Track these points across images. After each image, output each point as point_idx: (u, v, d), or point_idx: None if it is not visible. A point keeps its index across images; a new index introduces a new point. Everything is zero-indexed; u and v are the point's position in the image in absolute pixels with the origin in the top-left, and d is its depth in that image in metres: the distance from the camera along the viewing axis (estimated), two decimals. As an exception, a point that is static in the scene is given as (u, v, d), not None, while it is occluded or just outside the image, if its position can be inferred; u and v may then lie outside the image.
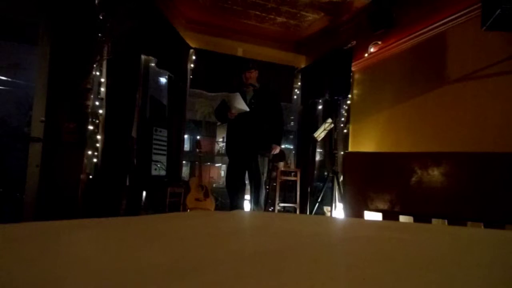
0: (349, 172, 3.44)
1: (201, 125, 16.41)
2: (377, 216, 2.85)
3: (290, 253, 0.61)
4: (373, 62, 4.13)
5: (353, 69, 4.40)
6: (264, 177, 3.44)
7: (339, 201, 4.00)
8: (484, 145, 2.76)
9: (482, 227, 2.22)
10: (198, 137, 15.17)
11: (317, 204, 4.04)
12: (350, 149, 4.38)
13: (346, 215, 3.40)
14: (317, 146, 5.35)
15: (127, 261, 0.50)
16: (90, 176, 3.11)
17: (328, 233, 0.98)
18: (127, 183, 3.47)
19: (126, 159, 3.41)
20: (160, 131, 4.14)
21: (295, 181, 4.78)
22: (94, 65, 3.02)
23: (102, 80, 3.18)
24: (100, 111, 3.17)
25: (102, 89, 3.18)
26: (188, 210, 4.05)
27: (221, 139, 16.72)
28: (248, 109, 3.23)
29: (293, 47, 5.58)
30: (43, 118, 2.80)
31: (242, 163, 3.36)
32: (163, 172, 4.16)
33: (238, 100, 3.21)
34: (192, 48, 4.89)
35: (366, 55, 4.16)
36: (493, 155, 2.47)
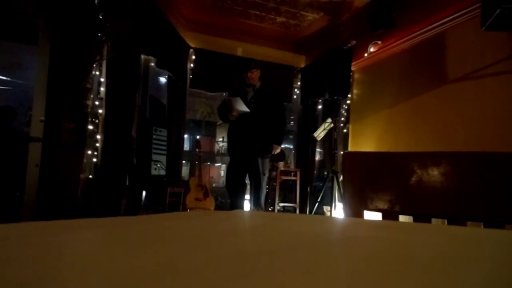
0: (349, 172, 3.44)
1: (201, 124, 16.43)
2: (377, 216, 2.85)
3: (290, 253, 0.61)
4: (373, 62, 4.13)
5: (353, 68, 4.40)
6: (266, 177, 3.44)
7: (338, 201, 4.01)
8: (484, 145, 2.76)
9: (482, 227, 2.23)
10: (198, 136, 15.18)
11: (317, 204, 4.05)
12: (349, 149, 4.38)
13: (346, 214, 3.40)
14: (317, 146, 5.36)
15: (126, 261, 0.51)
16: (90, 176, 3.11)
17: (327, 233, 0.98)
18: (127, 183, 3.47)
19: (126, 159, 3.41)
20: (160, 131, 4.14)
21: (295, 181, 4.79)
22: (94, 65, 3.02)
23: (102, 79, 3.17)
24: (100, 111, 3.17)
25: (102, 89, 3.18)
26: (188, 210, 4.05)
27: (221, 139, 16.73)
28: (248, 110, 3.22)
29: (292, 46, 5.58)
30: (42, 118, 2.79)
31: (243, 163, 3.36)
32: (163, 172, 4.16)
33: (238, 103, 3.21)
34: (192, 47, 4.89)
35: (366, 54, 4.16)
36: (493, 155, 2.47)
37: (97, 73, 3.12)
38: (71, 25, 2.87)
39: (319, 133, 4.11)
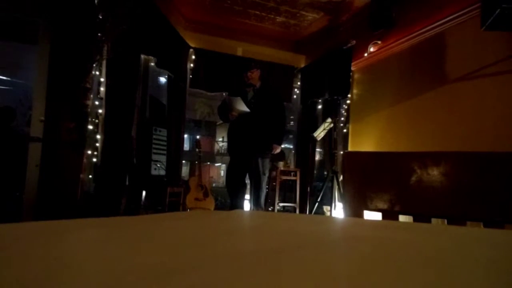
0: (349, 172, 3.44)
1: (201, 124, 16.44)
2: (376, 216, 2.85)
3: (290, 253, 0.61)
4: (373, 61, 4.13)
5: (352, 68, 4.40)
6: (266, 177, 3.44)
7: (338, 201, 4.00)
8: (484, 144, 2.77)
9: (482, 226, 2.23)
10: (197, 136, 15.18)
11: (317, 204, 4.05)
12: (349, 149, 4.38)
13: (346, 214, 3.40)
14: (317, 146, 5.35)
15: (126, 261, 0.51)
16: (90, 176, 3.11)
17: (327, 233, 0.98)
18: (127, 183, 3.46)
19: (125, 159, 3.41)
20: (160, 131, 4.14)
21: (295, 181, 4.79)
22: (94, 65, 3.02)
23: (102, 79, 3.18)
24: (100, 111, 3.17)
25: (102, 89, 3.18)
26: (188, 210, 4.05)
27: (220, 139, 16.75)
28: (248, 110, 3.22)
29: (292, 46, 5.58)
30: (42, 118, 2.80)
31: (243, 163, 3.36)
32: (162, 172, 4.16)
33: (238, 102, 3.21)
34: (191, 47, 4.89)
35: (365, 54, 4.16)
36: (493, 155, 2.47)
37: (97, 73, 3.12)
38: (71, 25, 2.87)
39: (319, 133, 4.11)
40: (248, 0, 4.35)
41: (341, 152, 4.57)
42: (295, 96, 5.62)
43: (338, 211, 4.00)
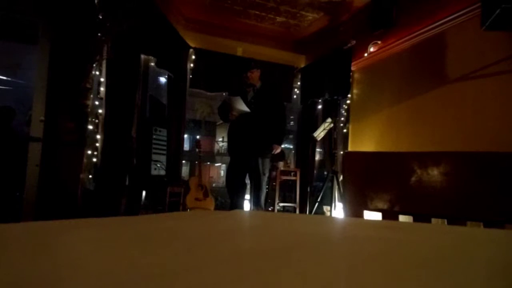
0: (349, 172, 3.45)
1: (201, 124, 16.43)
2: (376, 216, 2.86)
3: (290, 253, 0.61)
4: (373, 61, 4.13)
5: (352, 68, 4.40)
6: (266, 177, 3.43)
7: (338, 201, 4.01)
8: (484, 144, 2.77)
9: (482, 226, 2.23)
10: (197, 136, 15.18)
11: (317, 204, 4.05)
12: (349, 149, 4.38)
13: (346, 214, 3.41)
14: (317, 146, 5.35)
15: (126, 261, 0.51)
16: (90, 176, 3.11)
17: (327, 233, 0.98)
18: (127, 183, 3.46)
19: (125, 159, 3.41)
20: (160, 131, 4.14)
21: (295, 181, 4.79)
22: (94, 65, 3.02)
23: (102, 79, 3.17)
24: (100, 111, 3.17)
25: (102, 89, 3.18)
26: (188, 210, 4.05)
27: (220, 139, 16.74)
28: (249, 110, 3.22)
29: (292, 46, 5.58)
30: (42, 118, 2.79)
31: (243, 163, 3.36)
32: (162, 172, 4.16)
33: (239, 102, 3.21)
34: (191, 47, 4.89)
35: (365, 54, 4.16)
36: (493, 155, 2.47)
37: (97, 73, 3.12)
38: (71, 25, 2.87)
39: (319, 133, 4.11)
40: (248, 0, 4.35)
41: (341, 152, 4.57)
42: (295, 96, 5.62)
43: (338, 211, 4.00)
